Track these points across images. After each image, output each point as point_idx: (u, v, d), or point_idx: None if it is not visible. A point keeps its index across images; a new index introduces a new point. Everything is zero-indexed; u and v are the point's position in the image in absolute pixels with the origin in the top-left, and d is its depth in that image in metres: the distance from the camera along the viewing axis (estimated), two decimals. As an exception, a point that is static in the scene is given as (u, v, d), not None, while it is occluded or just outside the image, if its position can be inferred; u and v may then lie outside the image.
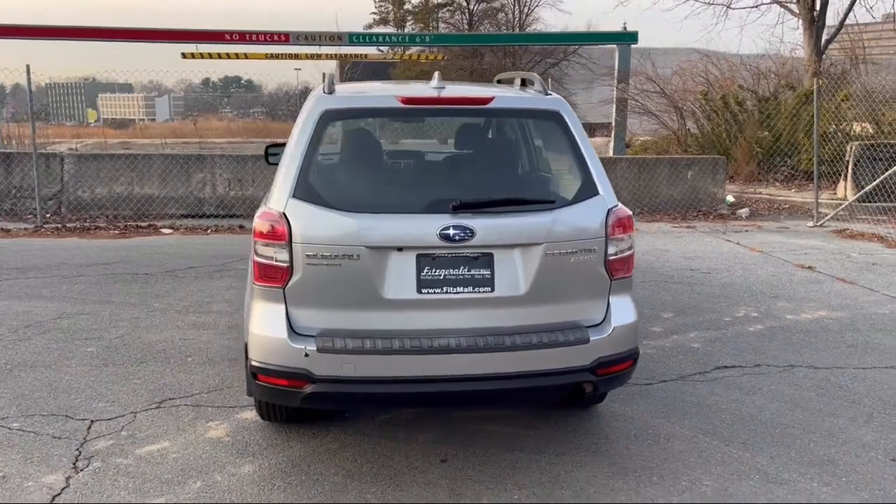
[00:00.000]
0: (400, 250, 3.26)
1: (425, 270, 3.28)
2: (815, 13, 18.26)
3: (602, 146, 18.50)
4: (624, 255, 3.51)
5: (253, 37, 16.23)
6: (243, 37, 16.22)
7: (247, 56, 16.69)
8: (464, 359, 3.25)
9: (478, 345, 3.26)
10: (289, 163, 3.37)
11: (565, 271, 3.38)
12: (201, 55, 16.43)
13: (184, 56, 16.41)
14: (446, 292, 3.29)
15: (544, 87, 3.82)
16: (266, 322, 3.31)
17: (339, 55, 20.52)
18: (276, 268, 3.27)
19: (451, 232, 3.22)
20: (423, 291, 3.28)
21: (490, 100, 3.60)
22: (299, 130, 3.43)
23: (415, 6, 50.39)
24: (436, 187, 3.49)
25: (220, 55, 16.35)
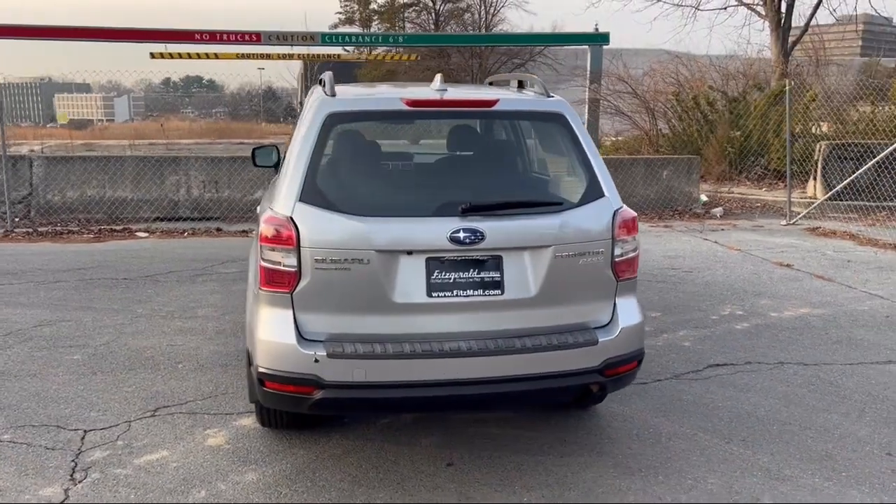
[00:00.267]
0: (410, 254, 3.24)
1: (435, 274, 3.26)
2: (782, 15, 18.62)
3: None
4: (629, 256, 3.53)
5: (223, 36, 16.01)
6: (213, 36, 16.00)
7: (217, 56, 16.45)
8: (475, 362, 3.24)
9: (489, 348, 3.25)
10: (294, 166, 3.32)
11: (573, 273, 3.39)
12: (170, 55, 16.16)
13: (152, 56, 16.12)
14: (456, 295, 3.27)
15: (546, 88, 3.82)
16: (273, 328, 3.25)
17: (310, 55, 20.35)
18: (284, 273, 3.22)
19: (462, 235, 3.21)
20: (433, 295, 3.26)
21: (495, 102, 3.59)
22: (303, 134, 3.39)
23: (381, 6, 50.26)
24: (443, 190, 3.47)
25: (190, 55, 16.10)
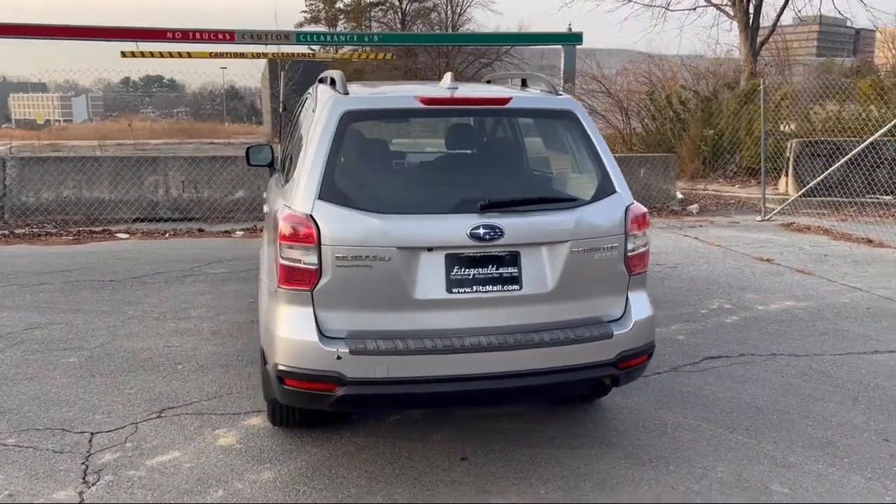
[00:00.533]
0: (430, 251, 3.27)
1: (454, 270, 3.29)
2: (750, 16, 19.00)
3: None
4: (641, 251, 3.61)
5: (197, 35, 15.83)
6: (186, 35, 15.81)
7: (190, 55, 16.26)
8: (495, 357, 3.28)
9: (508, 343, 3.29)
10: (311, 165, 3.32)
11: (588, 268, 3.45)
12: (142, 54, 15.93)
13: (123, 55, 15.87)
14: (475, 291, 3.31)
15: (554, 87, 3.88)
16: (294, 325, 3.26)
17: (280, 54, 20.21)
18: (304, 270, 3.23)
19: (482, 231, 3.25)
20: (453, 291, 3.29)
21: (508, 100, 3.64)
22: (319, 132, 3.39)
23: (347, 5, 50.08)
24: (460, 187, 3.50)
25: (163, 54, 15.89)
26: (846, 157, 10.72)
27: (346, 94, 3.57)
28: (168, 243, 9.36)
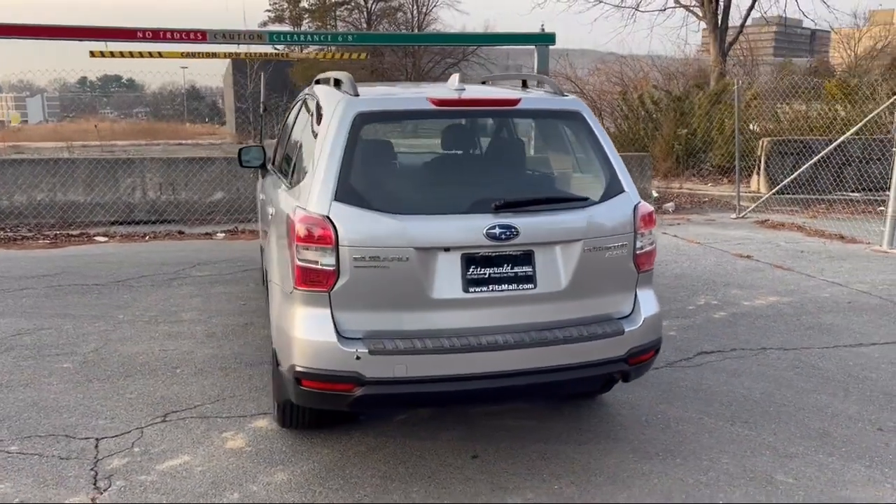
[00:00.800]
0: (447, 251, 3.30)
1: (471, 269, 3.33)
2: (719, 17, 19.35)
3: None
4: (648, 249, 3.68)
5: (167, 35, 15.57)
6: (157, 35, 15.52)
7: (161, 55, 15.98)
8: (511, 355, 3.33)
9: (524, 340, 3.34)
10: (326, 166, 3.33)
11: (600, 266, 3.52)
12: (111, 54, 15.58)
13: (92, 55, 15.51)
14: (491, 290, 3.35)
15: (558, 88, 3.94)
16: (312, 326, 3.27)
17: (248, 54, 19.99)
18: (321, 272, 3.24)
19: (498, 231, 3.29)
20: (469, 290, 3.33)
21: (518, 101, 3.69)
22: (333, 133, 3.40)
23: (311, 4, 49.75)
24: (474, 187, 3.54)
25: (133, 54, 15.57)
26: (818, 157, 10.98)
27: (357, 95, 3.58)
28: (149, 246, 9.23)
